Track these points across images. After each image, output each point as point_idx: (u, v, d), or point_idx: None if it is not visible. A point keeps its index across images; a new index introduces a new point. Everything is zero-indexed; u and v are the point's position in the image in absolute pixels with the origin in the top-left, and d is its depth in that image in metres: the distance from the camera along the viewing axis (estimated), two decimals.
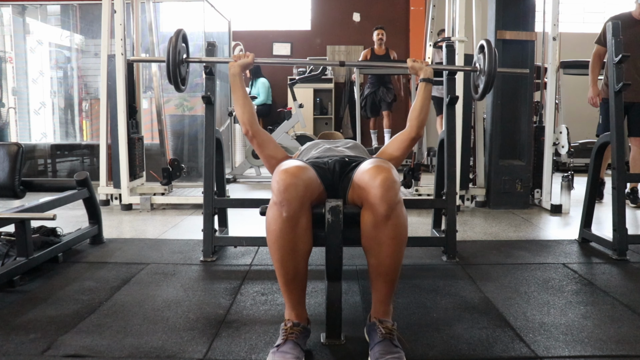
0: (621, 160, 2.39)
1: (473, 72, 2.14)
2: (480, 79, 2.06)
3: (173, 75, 1.94)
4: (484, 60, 1.99)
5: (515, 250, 2.57)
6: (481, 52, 2.04)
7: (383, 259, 1.41)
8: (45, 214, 2.05)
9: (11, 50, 5.34)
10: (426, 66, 2.03)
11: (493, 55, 1.96)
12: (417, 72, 2.05)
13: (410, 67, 2.06)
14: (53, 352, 1.44)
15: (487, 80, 1.98)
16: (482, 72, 2.02)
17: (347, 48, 8.10)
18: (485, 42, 2.01)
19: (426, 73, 2.01)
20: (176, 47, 1.93)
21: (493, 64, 1.96)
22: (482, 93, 2.06)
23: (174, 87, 2.00)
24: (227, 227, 2.68)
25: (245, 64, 1.99)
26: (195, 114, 4.77)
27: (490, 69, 1.96)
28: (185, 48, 2.06)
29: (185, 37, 2.05)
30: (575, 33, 7.64)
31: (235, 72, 1.97)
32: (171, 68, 1.93)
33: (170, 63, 1.92)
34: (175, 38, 1.95)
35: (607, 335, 1.56)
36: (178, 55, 1.95)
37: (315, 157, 1.78)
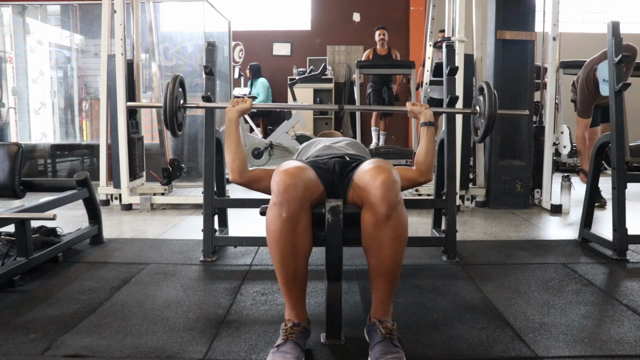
0: (621, 160, 2.39)
1: (473, 114, 2.11)
2: (480, 122, 2.02)
3: (170, 121, 1.90)
4: (484, 103, 1.95)
5: (515, 250, 2.57)
6: (481, 94, 2.00)
7: (383, 259, 1.41)
8: (45, 214, 2.05)
9: (11, 50, 5.34)
10: (425, 109, 1.98)
11: (493, 98, 1.91)
12: (417, 116, 2.00)
13: (410, 111, 2.02)
14: (53, 352, 1.44)
15: (488, 124, 1.93)
16: (482, 115, 1.98)
17: (347, 48, 8.11)
18: (485, 84, 1.97)
19: (426, 117, 1.96)
20: (173, 93, 1.90)
21: (493, 107, 1.91)
22: (482, 137, 2.03)
23: (171, 132, 1.96)
24: (227, 227, 2.68)
25: (243, 110, 1.92)
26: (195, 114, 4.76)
27: (491, 112, 1.92)
28: (183, 93, 2.02)
29: (183, 83, 2.00)
30: (575, 33, 7.65)
31: (233, 118, 1.88)
32: (168, 115, 1.89)
33: (167, 110, 1.87)
34: (173, 84, 1.90)
35: (607, 335, 1.56)
36: (175, 102, 1.92)
37: (315, 155, 1.78)
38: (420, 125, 1.96)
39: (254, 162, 5.42)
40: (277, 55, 8.11)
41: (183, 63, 4.93)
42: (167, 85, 1.90)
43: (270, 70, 7.71)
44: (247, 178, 1.81)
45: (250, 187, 1.83)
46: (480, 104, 2.00)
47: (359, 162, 1.64)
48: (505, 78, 3.74)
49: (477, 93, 2.06)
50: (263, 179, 1.78)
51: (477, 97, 2.06)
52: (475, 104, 2.08)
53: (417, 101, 5.34)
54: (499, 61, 3.73)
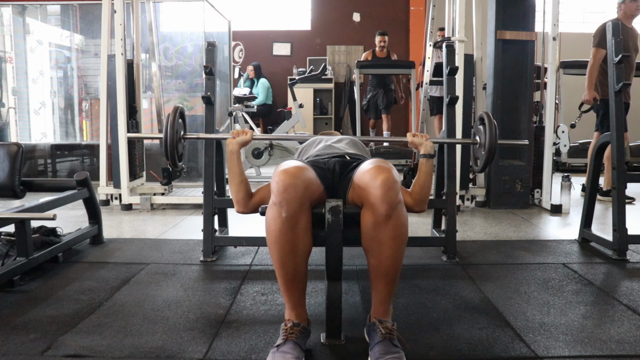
0: (621, 160, 2.39)
1: (473, 144, 2.10)
2: (480, 153, 2.01)
3: (171, 154, 1.90)
4: (485, 134, 1.94)
5: (515, 250, 2.57)
6: (481, 124, 1.99)
7: (383, 259, 1.41)
8: (45, 214, 2.05)
9: (11, 50, 5.34)
10: (426, 141, 1.96)
11: (493, 130, 1.90)
12: (417, 147, 1.98)
13: (410, 142, 2.00)
14: (53, 352, 1.44)
15: (488, 156, 1.92)
16: (483, 147, 1.97)
17: (347, 48, 8.11)
18: (485, 115, 1.96)
19: (426, 148, 1.94)
20: (174, 125, 1.89)
21: (493, 138, 1.90)
22: (482, 167, 2.02)
23: (171, 164, 1.96)
24: (227, 227, 2.68)
25: (244, 142, 1.89)
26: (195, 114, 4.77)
27: (491, 144, 1.90)
28: (183, 125, 2.02)
29: (183, 114, 1.99)
30: (575, 33, 7.64)
31: (234, 150, 1.86)
32: (169, 147, 1.88)
33: (168, 142, 1.87)
34: (173, 116, 1.89)
35: (607, 335, 1.56)
36: (176, 135, 1.92)
37: (315, 155, 1.78)
38: (420, 157, 1.93)
39: (254, 162, 5.42)
40: (277, 55, 8.11)
41: (183, 63, 4.93)
42: (167, 118, 1.89)
43: (270, 70, 7.72)
44: (252, 206, 1.79)
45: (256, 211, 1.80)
46: (481, 134, 1.99)
47: (359, 162, 1.64)
48: (505, 78, 3.74)
49: (477, 123, 2.05)
50: (265, 199, 1.75)
51: (477, 127, 2.05)
52: (475, 134, 2.07)
53: (417, 101, 5.35)
54: (499, 61, 3.73)
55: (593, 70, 3.74)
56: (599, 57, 3.69)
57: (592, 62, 3.74)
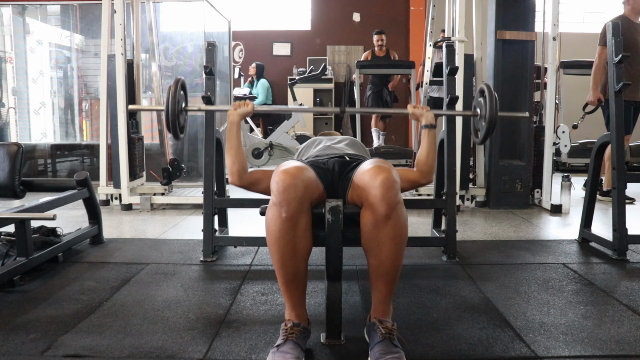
0: (621, 160, 2.39)
1: (474, 117, 2.10)
2: (481, 125, 2.02)
3: (172, 125, 1.91)
4: (485, 105, 1.95)
5: (515, 250, 2.57)
6: (481, 96, 1.99)
7: (383, 259, 1.41)
8: (45, 214, 2.05)
9: (11, 50, 5.34)
10: (427, 112, 1.96)
11: (494, 101, 1.90)
12: (418, 118, 1.98)
13: (411, 113, 2.00)
14: (53, 352, 1.44)
15: (488, 127, 1.93)
16: (483, 118, 1.98)
17: (347, 48, 8.11)
18: (485, 86, 1.96)
19: (427, 119, 1.94)
20: (175, 96, 1.90)
21: (494, 110, 1.91)
22: (483, 139, 2.02)
23: (173, 135, 1.97)
24: (227, 227, 2.68)
25: (245, 113, 1.90)
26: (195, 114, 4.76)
27: (492, 115, 1.91)
28: (184, 97, 2.03)
29: (184, 86, 2.00)
30: (575, 33, 7.65)
31: (235, 121, 1.87)
32: (170, 118, 1.89)
33: (170, 113, 1.88)
34: (175, 87, 1.90)
35: (607, 335, 1.56)
36: (177, 105, 1.93)
37: (315, 155, 1.78)
38: (422, 128, 1.95)
39: (254, 162, 5.42)
40: (277, 55, 8.11)
41: (183, 63, 4.93)
42: (168, 89, 1.90)
43: (270, 70, 7.71)
44: (246, 180, 1.81)
45: (250, 189, 1.83)
46: (481, 106, 1.99)
47: (359, 162, 1.64)
48: (505, 78, 3.74)
49: (477, 95, 2.05)
50: (262, 181, 1.78)
51: (477, 99, 2.05)
52: (475, 106, 2.07)
53: (417, 102, 5.35)
54: (499, 61, 3.73)
55: (598, 70, 3.69)
56: (605, 56, 3.63)
57: (598, 62, 3.68)
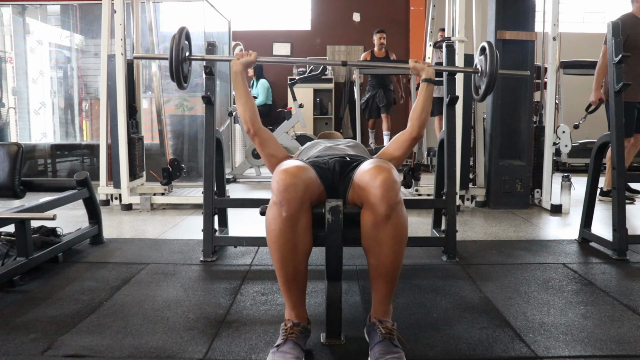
0: (621, 160, 2.39)
1: (474, 73, 2.14)
2: (482, 80, 2.06)
3: (176, 72, 1.96)
4: (485, 62, 2.00)
5: (515, 250, 2.57)
6: (482, 54, 2.04)
7: (383, 259, 1.41)
8: (45, 214, 2.05)
9: (11, 50, 5.34)
10: (428, 67, 2.03)
11: (494, 57, 1.96)
12: (419, 72, 2.05)
13: (412, 67, 2.07)
14: (53, 352, 1.44)
15: (489, 81, 1.99)
16: (484, 74, 2.02)
17: (347, 48, 8.10)
18: (486, 43, 2.01)
19: (428, 73, 2.02)
20: (179, 44, 1.94)
21: (494, 65, 1.96)
22: (484, 94, 2.06)
23: (177, 84, 2.02)
24: (227, 227, 2.68)
25: (248, 62, 1.98)
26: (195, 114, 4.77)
27: (492, 70, 1.97)
28: (188, 46, 2.07)
29: (188, 35, 2.06)
30: (575, 33, 7.64)
31: (238, 70, 1.95)
32: (174, 65, 1.94)
33: (174, 60, 1.93)
34: (179, 36, 1.96)
35: (607, 335, 1.56)
36: (181, 53, 1.96)
37: (316, 156, 1.78)
38: (422, 81, 2.01)
39: (254, 162, 5.42)
40: (277, 56, 8.11)
41: None
42: (173, 37, 1.94)
43: (270, 70, 7.72)
44: (259, 130, 1.89)
45: (258, 146, 1.91)
46: (482, 62, 2.03)
47: (359, 162, 1.64)
48: (505, 78, 3.73)
49: (478, 53, 2.08)
50: (271, 147, 1.90)
51: (478, 57, 2.08)
52: (476, 64, 2.10)
53: None
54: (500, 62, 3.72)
55: (601, 70, 3.66)
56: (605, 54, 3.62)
57: (601, 62, 3.65)
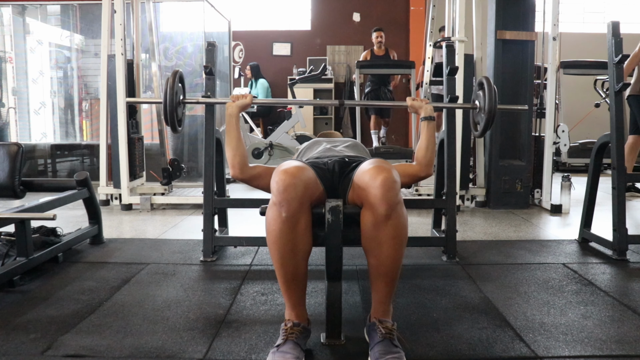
0: (621, 160, 2.39)
1: (473, 109, 2.11)
2: (480, 117, 2.02)
3: (170, 117, 1.91)
4: (484, 98, 1.95)
5: (515, 250, 2.57)
6: (480, 89, 2.00)
7: (383, 259, 1.41)
8: (45, 214, 2.05)
9: (11, 50, 5.34)
10: (426, 104, 1.98)
11: (493, 93, 1.92)
12: (417, 110, 2.00)
13: (410, 106, 2.02)
14: (53, 352, 1.44)
15: (487, 119, 1.94)
16: (482, 110, 1.98)
17: (347, 48, 8.10)
18: (484, 79, 1.97)
19: (426, 111, 1.96)
20: (173, 88, 1.90)
21: (493, 102, 1.91)
22: (482, 131, 2.03)
23: (171, 128, 1.96)
24: (227, 227, 2.68)
25: (243, 105, 1.92)
26: (195, 114, 4.77)
27: (491, 107, 1.92)
28: (182, 89, 2.03)
29: (182, 78, 2.00)
30: (575, 33, 7.64)
31: (233, 113, 1.89)
32: (168, 110, 1.89)
33: (167, 105, 1.88)
34: (172, 80, 1.91)
35: (607, 335, 1.56)
36: (175, 97, 1.93)
37: (315, 157, 1.78)
38: (421, 120, 1.97)
39: (254, 162, 5.41)
40: (277, 55, 8.11)
41: (183, 63, 4.93)
42: (166, 81, 1.91)
43: (270, 70, 7.71)
44: (247, 174, 1.81)
45: (250, 184, 1.84)
46: (480, 98, 2.00)
47: (359, 162, 1.64)
48: (505, 78, 3.74)
49: (476, 88, 2.06)
50: (263, 177, 1.79)
51: (476, 92, 2.06)
52: (474, 99, 2.08)
53: None
54: (499, 61, 3.73)
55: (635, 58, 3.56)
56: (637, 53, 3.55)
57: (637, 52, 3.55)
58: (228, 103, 1.92)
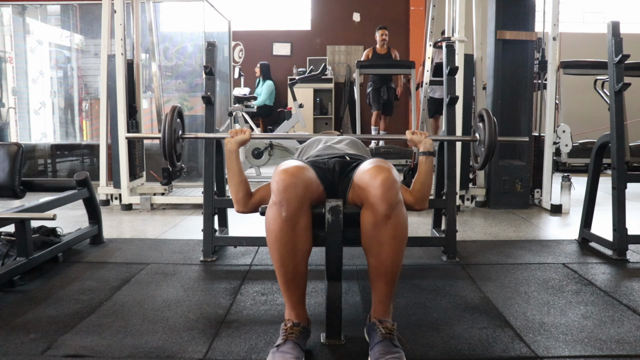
0: (621, 160, 2.39)
1: (473, 142, 2.09)
2: (480, 150, 2.01)
3: (169, 153, 1.89)
4: (484, 131, 1.93)
5: (515, 250, 2.57)
6: (481, 121, 1.98)
7: (383, 258, 1.41)
8: (45, 214, 2.05)
9: (11, 50, 5.34)
10: (425, 138, 1.95)
11: (493, 126, 1.90)
12: (417, 144, 1.97)
13: (410, 139, 1.99)
14: (53, 352, 1.44)
15: (487, 153, 1.91)
16: (482, 143, 1.96)
17: (347, 48, 8.11)
18: (484, 111, 1.95)
19: (426, 146, 1.93)
20: (172, 125, 1.88)
21: (493, 135, 1.89)
22: (482, 164, 2.01)
23: (169, 163, 1.94)
24: (227, 227, 2.68)
25: (242, 141, 1.88)
26: (195, 114, 4.77)
27: (491, 140, 1.89)
28: (181, 124, 2.01)
29: (181, 113, 1.98)
30: (575, 33, 7.64)
31: (232, 149, 1.85)
32: (167, 147, 1.88)
33: (166, 142, 1.86)
34: (171, 115, 1.88)
35: (607, 335, 1.56)
36: (174, 134, 1.92)
37: (315, 155, 1.78)
38: (419, 155, 1.93)
39: (254, 162, 5.42)
40: (277, 55, 8.11)
41: (183, 63, 4.93)
42: (165, 117, 1.89)
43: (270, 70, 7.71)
44: (252, 205, 1.79)
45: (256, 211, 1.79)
46: (480, 131, 1.98)
47: (359, 162, 1.64)
48: (505, 78, 3.74)
49: (477, 120, 2.04)
50: (265, 198, 1.76)
51: (476, 124, 2.04)
52: (474, 131, 2.06)
53: (417, 102, 5.35)
54: (499, 61, 3.73)
55: None
56: None
57: None
58: (227, 139, 1.89)
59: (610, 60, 2.42)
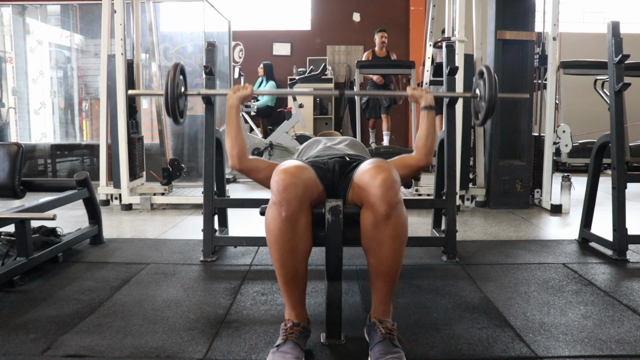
0: (621, 160, 2.39)
1: (473, 98, 2.10)
2: (481, 106, 2.02)
3: (172, 109, 1.91)
4: (484, 87, 1.95)
5: (515, 250, 2.57)
6: (481, 78, 2.00)
7: (383, 258, 1.41)
8: (45, 214, 2.05)
9: (11, 50, 5.34)
10: (426, 93, 1.98)
11: (493, 82, 1.91)
12: (418, 100, 2.00)
13: (410, 95, 2.02)
14: (53, 352, 1.44)
15: (488, 107, 1.93)
16: (483, 99, 1.98)
17: (347, 48, 8.10)
18: (485, 68, 1.96)
19: (427, 101, 1.96)
20: (174, 80, 1.91)
21: (493, 90, 1.91)
22: (483, 120, 2.02)
23: (173, 120, 1.97)
24: (227, 227, 2.68)
25: (244, 96, 1.92)
26: (195, 114, 4.77)
27: (491, 95, 1.91)
28: (184, 81, 2.03)
29: (183, 71, 2.01)
30: (575, 33, 7.65)
31: (234, 104, 1.89)
32: (170, 102, 1.89)
33: (169, 97, 1.88)
34: (174, 72, 1.92)
35: (607, 335, 1.56)
36: (176, 89, 1.93)
37: (315, 156, 1.78)
38: (421, 109, 1.96)
39: None
40: (277, 55, 8.11)
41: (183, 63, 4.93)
42: (168, 73, 1.92)
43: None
44: (246, 165, 1.82)
45: (249, 176, 1.84)
46: (481, 87, 2.00)
47: (359, 162, 1.64)
48: (505, 78, 3.73)
49: (477, 77, 2.06)
50: (262, 170, 1.79)
51: (477, 81, 2.05)
52: (475, 88, 2.07)
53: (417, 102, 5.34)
54: (499, 61, 3.73)
55: None
56: None
57: None
58: (229, 94, 1.94)
59: (610, 60, 2.42)
